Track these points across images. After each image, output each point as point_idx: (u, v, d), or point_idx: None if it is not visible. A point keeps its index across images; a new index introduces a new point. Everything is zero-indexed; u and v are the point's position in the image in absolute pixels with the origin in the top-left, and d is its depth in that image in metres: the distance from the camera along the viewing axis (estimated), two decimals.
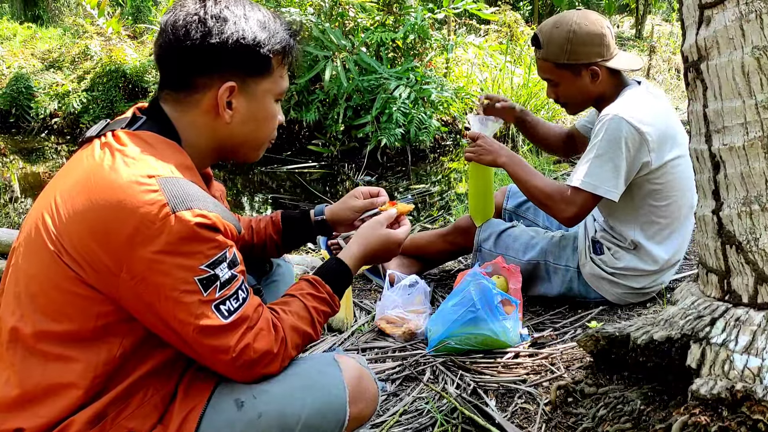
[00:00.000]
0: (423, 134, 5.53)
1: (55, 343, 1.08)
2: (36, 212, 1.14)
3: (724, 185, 1.37)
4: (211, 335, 1.09)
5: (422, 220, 4.06)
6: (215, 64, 1.17)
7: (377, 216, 1.46)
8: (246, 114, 1.22)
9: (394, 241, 1.43)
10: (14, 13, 12.36)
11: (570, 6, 10.04)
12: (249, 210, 4.97)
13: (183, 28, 1.16)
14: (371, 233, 1.41)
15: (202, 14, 1.16)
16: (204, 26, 1.15)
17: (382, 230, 1.42)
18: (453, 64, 6.53)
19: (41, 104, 7.14)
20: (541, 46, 2.18)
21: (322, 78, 5.56)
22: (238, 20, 1.17)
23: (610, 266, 2.26)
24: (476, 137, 2.33)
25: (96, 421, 1.08)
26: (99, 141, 1.16)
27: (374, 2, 5.86)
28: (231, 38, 1.16)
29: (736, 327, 1.32)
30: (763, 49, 1.28)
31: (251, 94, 1.22)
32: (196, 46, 1.15)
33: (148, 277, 1.05)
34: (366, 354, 2.11)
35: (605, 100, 2.20)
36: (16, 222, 4.46)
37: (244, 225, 1.57)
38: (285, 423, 1.15)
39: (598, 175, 2.07)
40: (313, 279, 1.30)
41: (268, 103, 1.25)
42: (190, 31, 1.15)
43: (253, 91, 1.22)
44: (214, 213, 1.09)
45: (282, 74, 1.25)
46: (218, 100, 1.18)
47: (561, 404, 1.66)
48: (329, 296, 1.29)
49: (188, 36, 1.15)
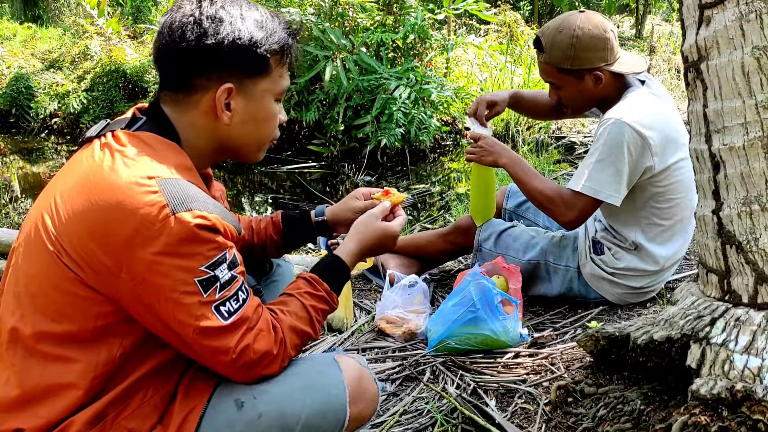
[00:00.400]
0: (423, 134, 5.53)
1: (55, 343, 1.08)
2: (36, 212, 1.14)
3: (724, 185, 1.37)
4: (211, 336, 1.09)
5: (422, 220, 4.06)
6: (212, 65, 1.17)
7: (372, 210, 1.45)
8: (245, 115, 1.22)
9: (389, 234, 1.42)
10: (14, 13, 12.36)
11: (570, 6, 10.03)
12: (249, 210, 4.97)
13: (179, 30, 1.16)
14: (366, 227, 1.41)
15: (197, 15, 1.16)
16: (199, 27, 1.15)
17: (377, 224, 1.42)
18: (453, 64, 6.52)
19: (41, 104, 7.14)
20: (544, 50, 2.16)
21: (322, 78, 5.55)
22: (234, 20, 1.16)
23: (610, 266, 2.26)
24: (477, 138, 2.33)
25: (96, 422, 1.08)
26: (99, 141, 1.16)
27: (374, 2, 5.86)
28: (227, 39, 1.15)
29: (736, 327, 1.32)
30: (763, 49, 1.28)
31: (250, 94, 1.21)
32: (192, 48, 1.15)
33: (148, 279, 1.05)
34: (366, 354, 2.11)
35: (608, 102, 2.19)
36: (16, 222, 4.46)
37: (244, 225, 1.57)
38: (285, 423, 1.15)
39: (599, 179, 2.07)
40: (310, 277, 1.30)
41: (268, 103, 1.24)
42: (185, 33, 1.15)
43: (252, 92, 1.21)
44: (213, 214, 1.09)
45: (281, 74, 1.25)
46: (216, 101, 1.18)
47: (561, 404, 1.66)
48: (327, 294, 1.29)
49: (184, 37, 1.15)
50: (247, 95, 1.21)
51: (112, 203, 1.05)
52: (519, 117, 5.94)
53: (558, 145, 5.63)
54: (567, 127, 6.12)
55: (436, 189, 5.03)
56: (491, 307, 2.01)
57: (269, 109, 1.25)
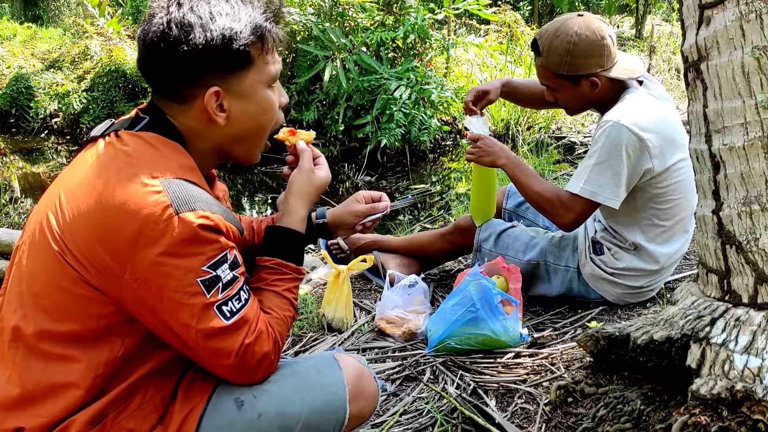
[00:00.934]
0: (423, 134, 5.53)
1: (57, 342, 1.08)
2: (40, 211, 1.14)
3: (724, 185, 1.37)
4: (213, 337, 1.09)
5: (422, 220, 4.06)
6: (192, 73, 1.14)
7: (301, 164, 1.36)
8: (240, 112, 1.19)
9: (323, 178, 1.36)
10: (14, 13, 12.36)
11: (570, 6, 10.02)
12: (249, 210, 4.97)
13: (151, 43, 1.13)
14: (302, 181, 1.35)
15: (165, 24, 1.12)
16: (170, 37, 1.11)
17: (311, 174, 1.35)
18: (453, 64, 6.53)
19: (41, 104, 7.15)
20: (541, 54, 2.15)
21: (322, 78, 5.56)
22: (203, 21, 1.12)
23: (610, 266, 2.26)
24: (476, 138, 2.33)
25: (96, 422, 1.08)
26: (103, 141, 1.16)
27: (374, 2, 5.86)
28: (199, 43, 1.11)
29: (736, 327, 1.32)
30: (763, 49, 1.28)
31: (239, 91, 1.18)
32: (167, 60, 1.13)
33: (151, 279, 1.05)
34: (366, 354, 2.11)
35: (606, 104, 2.18)
36: (16, 222, 4.46)
37: (245, 225, 1.57)
38: (285, 422, 1.15)
39: (597, 182, 2.07)
40: (274, 264, 1.26)
41: (261, 94, 1.21)
42: (158, 45, 1.12)
43: (241, 88, 1.18)
44: (216, 214, 1.09)
45: (267, 60, 1.19)
46: (206, 107, 1.16)
47: (561, 404, 1.66)
48: (295, 271, 1.27)
49: (158, 50, 1.13)
50: (237, 93, 1.18)
51: (116, 203, 1.05)
52: (519, 117, 5.94)
53: (558, 145, 5.63)
54: (567, 127, 6.12)
55: (436, 189, 5.04)
56: (491, 307, 2.02)
57: (263, 99, 1.21)
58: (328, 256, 2.51)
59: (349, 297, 2.31)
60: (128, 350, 1.10)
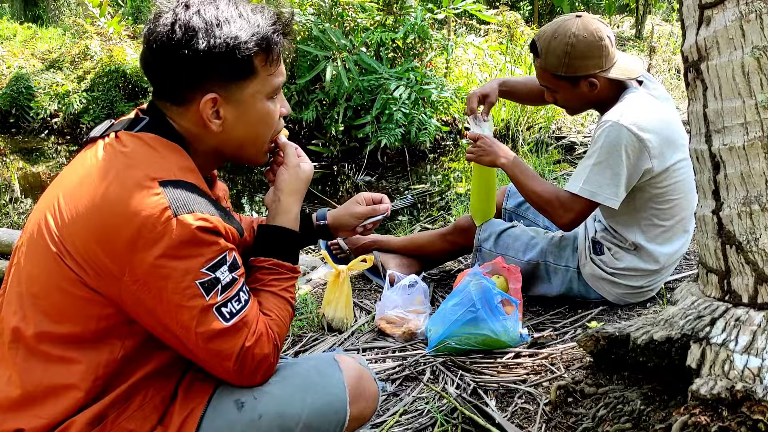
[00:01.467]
0: (423, 134, 5.53)
1: (57, 344, 1.08)
2: (39, 212, 1.14)
3: (724, 185, 1.37)
4: (214, 339, 1.09)
5: (422, 220, 4.06)
6: (192, 77, 1.13)
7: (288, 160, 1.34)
8: (236, 120, 1.17)
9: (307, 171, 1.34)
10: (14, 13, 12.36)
11: (571, 6, 10.02)
12: (249, 210, 4.97)
13: (155, 43, 1.12)
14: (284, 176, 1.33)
15: (170, 25, 1.11)
16: (174, 40, 1.10)
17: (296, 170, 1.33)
18: (453, 64, 6.53)
19: (41, 104, 7.15)
20: (539, 55, 2.15)
21: (322, 78, 5.56)
22: (209, 26, 1.10)
23: (610, 266, 2.26)
24: (476, 138, 2.33)
25: (96, 423, 1.08)
26: (102, 142, 1.15)
27: (374, 2, 5.86)
28: (202, 49, 1.10)
29: (736, 327, 1.32)
30: (763, 49, 1.28)
31: (238, 100, 1.16)
32: (169, 62, 1.12)
33: (150, 281, 1.05)
34: (366, 354, 2.11)
35: (605, 104, 2.18)
36: (16, 222, 4.46)
37: (245, 226, 1.57)
38: (285, 423, 1.15)
39: (596, 182, 2.07)
40: (271, 264, 1.25)
41: (260, 105, 1.19)
42: (162, 47, 1.11)
43: (240, 97, 1.16)
44: (215, 216, 1.09)
45: (270, 72, 1.18)
46: (201, 113, 1.15)
47: (561, 404, 1.66)
48: (291, 270, 1.27)
49: (161, 52, 1.12)
50: (235, 101, 1.16)
51: (115, 205, 1.05)
52: (519, 117, 5.94)
53: (558, 145, 5.63)
54: (567, 127, 6.12)
55: (436, 189, 5.04)
56: (491, 307, 2.02)
57: (262, 111, 1.20)
58: (328, 256, 2.51)
59: (349, 297, 2.31)
60: (128, 352, 1.10)
